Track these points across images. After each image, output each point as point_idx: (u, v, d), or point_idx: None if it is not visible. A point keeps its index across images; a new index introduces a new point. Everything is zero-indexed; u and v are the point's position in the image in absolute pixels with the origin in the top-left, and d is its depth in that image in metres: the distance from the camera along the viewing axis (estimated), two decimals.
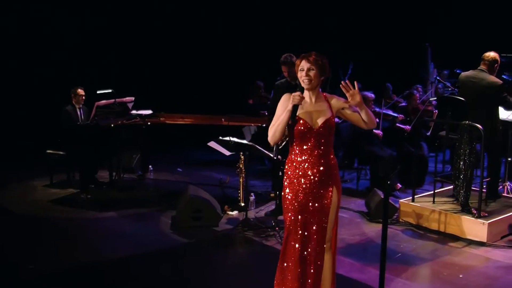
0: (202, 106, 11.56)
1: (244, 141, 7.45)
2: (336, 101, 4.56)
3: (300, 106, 4.42)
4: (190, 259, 6.60)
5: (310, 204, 4.53)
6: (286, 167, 4.64)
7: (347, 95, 4.41)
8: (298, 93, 4.41)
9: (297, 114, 4.44)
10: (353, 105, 4.47)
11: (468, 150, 7.22)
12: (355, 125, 9.06)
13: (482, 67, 7.83)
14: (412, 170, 8.32)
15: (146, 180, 10.40)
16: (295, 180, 4.55)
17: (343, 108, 4.55)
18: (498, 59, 7.85)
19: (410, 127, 9.86)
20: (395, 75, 13.91)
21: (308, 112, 4.51)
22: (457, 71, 13.82)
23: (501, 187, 8.62)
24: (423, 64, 14.59)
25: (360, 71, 13.60)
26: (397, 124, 9.91)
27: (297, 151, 4.55)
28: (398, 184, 9.27)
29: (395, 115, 10.05)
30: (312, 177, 4.50)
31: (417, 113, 10.02)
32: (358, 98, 4.38)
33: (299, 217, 4.55)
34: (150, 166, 10.63)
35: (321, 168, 4.51)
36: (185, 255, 6.79)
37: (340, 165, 10.38)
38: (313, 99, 4.54)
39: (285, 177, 4.65)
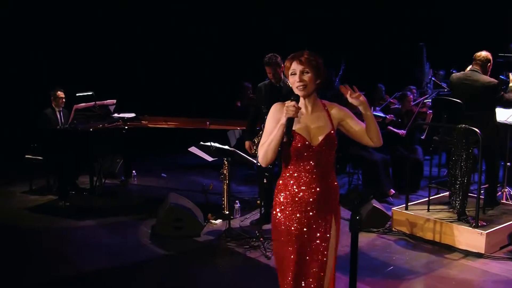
0: (187, 108, 11.11)
1: (226, 147, 7.03)
2: (337, 111, 3.87)
3: (296, 119, 3.68)
4: (168, 272, 6.26)
5: (306, 236, 3.80)
6: (276, 191, 3.90)
7: (350, 97, 3.76)
8: (292, 103, 3.60)
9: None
10: (356, 105, 3.78)
11: (464, 155, 6.81)
12: None
13: (474, 67, 7.46)
14: (406, 175, 7.86)
15: (129, 186, 9.97)
16: (289, 208, 3.81)
17: (344, 120, 3.88)
18: (491, 58, 7.49)
19: (405, 131, 9.45)
20: (388, 75, 13.48)
21: (305, 125, 3.78)
22: (453, 71, 13.48)
23: (500, 193, 8.20)
24: (418, 64, 14.17)
25: (351, 71, 13.23)
26: (391, 128, 9.49)
27: (291, 172, 3.81)
28: (392, 189, 8.88)
29: (384, 115, 9.63)
30: (308, 204, 3.78)
31: (410, 116, 9.63)
32: (362, 97, 3.76)
33: (293, 250, 3.81)
34: (133, 172, 10.20)
35: (320, 193, 3.79)
36: (163, 267, 6.43)
37: None
38: (310, 109, 3.82)
39: (275, 202, 3.90)
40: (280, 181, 3.88)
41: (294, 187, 3.80)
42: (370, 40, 14.85)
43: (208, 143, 7.01)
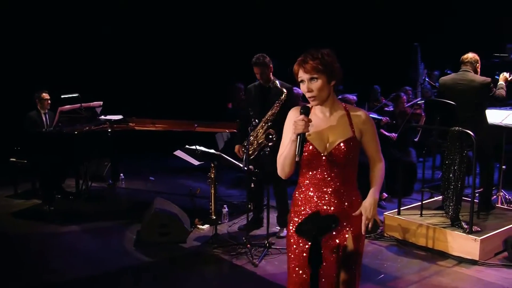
0: (176, 110, 10.87)
1: (211, 150, 6.81)
2: (361, 121, 3.49)
3: (310, 124, 3.34)
4: (151, 280, 6.03)
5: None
6: (291, 203, 3.65)
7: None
8: (301, 117, 3.28)
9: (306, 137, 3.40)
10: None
11: (458, 159, 6.59)
12: None
13: (465, 68, 7.31)
14: (398, 179, 7.63)
15: (117, 189, 9.77)
16: (296, 219, 3.55)
17: (364, 134, 3.51)
18: (478, 58, 7.37)
19: (396, 134, 9.24)
20: (383, 76, 13.27)
21: (319, 130, 3.47)
22: (448, 72, 13.31)
23: (495, 196, 8.00)
24: (413, 65, 13.99)
25: (346, 72, 13.02)
26: (383, 131, 9.28)
27: (305, 182, 3.53)
28: (384, 193, 8.68)
29: (379, 117, 9.41)
30: None
31: (404, 117, 9.42)
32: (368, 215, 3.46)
33: (304, 273, 3.51)
34: (121, 175, 9.99)
35: (332, 208, 3.47)
36: (147, 275, 6.20)
37: None
38: (327, 112, 3.50)
39: (289, 217, 3.65)
40: (296, 193, 3.63)
41: (307, 198, 3.54)
42: (365, 41, 14.65)
43: (194, 147, 6.80)
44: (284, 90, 6.78)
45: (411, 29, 14.74)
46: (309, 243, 3.22)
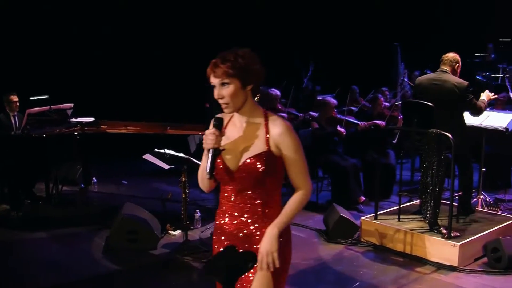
0: (152, 112, 10.59)
1: (180, 154, 6.58)
2: (278, 135, 3.06)
3: (226, 136, 3.13)
4: None
5: None
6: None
7: None
8: (212, 130, 3.05)
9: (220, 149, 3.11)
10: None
11: (436, 162, 6.40)
12: (315, 133, 8.42)
13: (443, 68, 7.04)
14: (376, 182, 7.42)
15: (89, 193, 9.47)
16: (215, 237, 3.34)
17: (281, 150, 3.09)
18: (459, 59, 7.09)
19: (365, 122, 9.07)
20: (362, 77, 13.08)
21: (232, 142, 3.14)
22: (427, 72, 13.18)
23: (475, 199, 7.82)
24: (393, 65, 13.85)
25: (324, 72, 12.86)
26: (348, 118, 9.11)
27: (222, 199, 3.24)
28: (362, 197, 8.48)
29: (357, 122, 9.22)
30: (231, 238, 3.21)
31: (382, 119, 9.24)
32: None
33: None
34: (93, 178, 9.71)
35: (246, 231, 3.17)
36: (114, 284, 6.01)
37: None
38: (244, 122, 3.16)
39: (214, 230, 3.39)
40: (218, 209, 3.33)
41: (221, 213, 3.26)
42: (344, 41, 14.48)
43: (162, 150, 6.58)
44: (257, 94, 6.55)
45: (390, 29, 14.63)
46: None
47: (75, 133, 8.27)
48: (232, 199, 3.17)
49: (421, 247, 6.48)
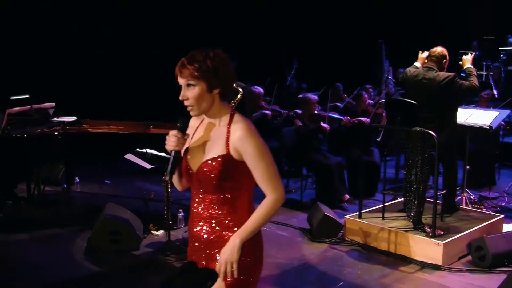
0: (135, 110, 10.47)
1: (162, 154, 6.51)
2: (238, 140, 2.94)
3: (193, 137, 3.12)
4: None
5: None
6: None
7: None
8: (174, 131, 3.01)
9: (185, 147, 3.09)
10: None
11: (420, 160, 6.36)
12: (298, 131, 8.38)
13: (430, 64, 6.97)
14: (360, 180, 7.37)
15: (71, 193, 9.37)
16: (189, 243, 3.27)
17: (241, 154, 2.97)
18: (446, 54, 7.00)
19: (348, 117, 9.06)
20: (346, 74, 13.03)
21: (197, 144, 3.08)
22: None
23: (459, 197, 7.80)
24: (377, 62, 13.81)
25: (308, 69, 12.81)
26: (330, 114, 9.08)
27: (192, 201, 3.18)
28: (346, 195, 8.44)
29: (340, 117, 9.19)
30: (197, 244, 3.16)
31: (366, 116, 9.20)
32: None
33: None
34: (76, 178, 9.61)
35: (206, 236, 3.08)
36: (95, 286, 5.92)
37: (285, 173, 9.76)
38: (211, 124, 3.09)
39: None
40: None
41: (190, 220, 3.22)
42: (328, 38, 14.43)
43: (144, 150, 6.51)
44: (240, 90, 6.47)
45: (375, 26, 14.60)
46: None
47: (56, 133, 8.16)
48: (196, 204, 3.11)
49: (405, 246, 6.45)
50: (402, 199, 7.15)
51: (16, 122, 8.26)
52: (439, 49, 6.99)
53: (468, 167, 7.87)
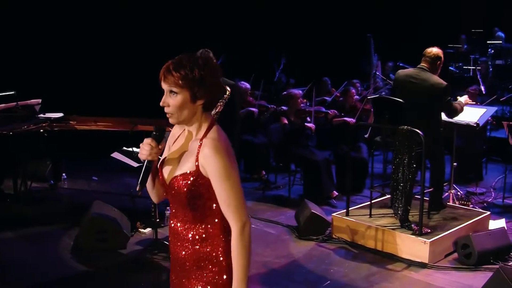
0: (122, 105, 10.38)
1: None
2: (204, 157, 2.73)
3: (167, 145, 2.97)
4: None
5: None
6: None
7: None
8: (148, 140, 2.81)
9: (164, 157, 2.94)
10: None
11: (406, 159, 6.36)
12: (284, 126, 8.38)
13: (423, 64, 6.86)
14: (347, 178, 7.38)
15: (59, 190, 9.32)
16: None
17: (207, 172, 2.76)
18: (441, 56, 6.88)
19: (335, 110, 9.07)
20: (334, 68, 12.99)
21: (174, 156, 2.90)
22: (400, 65, 13.18)
23: (446, 193, 7.81)
24: (365, 56, 13.78)
25: (296, 64, 12.78)
26: (319, 108, 9.10)
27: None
28: (334, 191, 8.43)
29: (326, 111, 9.19)
30: (176, 263, 2.99)
31: (354, 112, 9.19)
32: None
33: None
34: (63, 174, 9.56)
35: (178, 253, 2.94)
36: (81, 285, 5.90)
37: (273, 169, 9.76)
38: (190, 135, 2.90)
39: None
40: None
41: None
42: (316, 32, 14.38)
43: (131, 149, 6.48)
44: (228, 88, 6.43)
45: (363, 20, 14.57)
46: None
47: (41, 130, 8.09)
48: (171, 220, 2.96)
49: (392, 244, 6.46)
50: (389, 196, 7.15)
51: (2, 119, 8.22)
52: (434, 50, 6.87)
53: (455, 164, 7.87)
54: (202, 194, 2.79)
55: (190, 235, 2.86)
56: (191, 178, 2.76)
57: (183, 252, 2.89)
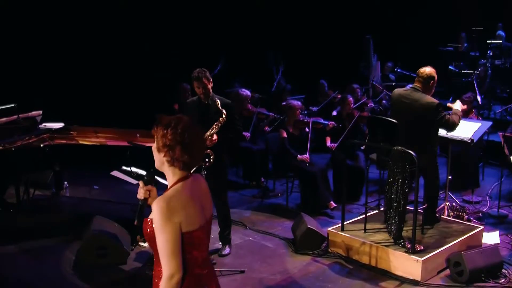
0: (122, 114, 10.46)
1: (145, 172, 6.57)
2: (153, 207, 3.06)
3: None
4: None
5: None
6: None
7: None
8: (141, 183, 3.26)
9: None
10: None
11: (400, 179, 6.46)
12: (283, 138, 8.47)
13: (416, 85, 6.89)
14: (343, 190, 7.47)
15: (61, 198, 9.44)
16: None
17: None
18: (435, 75, 6.87)
19: (336, 144, 9.12)
20: (332, 70, 13.03)
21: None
22: (398, 70, 13.26)
23: (441, 205, 7.91)
24: (364, 58, 13.85)
25: (295, 65, 12.84)
26: (317, 119, 9.23)
27: None
28: (332, 202, 8.52)
29: (325, 122, 9.28)
30: None
31: (351, 120, 9.25)
32: None
33: None
34: (65, 183, 9.68)
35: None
36: None
37: (271, 175, 9.87)
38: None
39: None
40: None
41: None
42: (315, 33, 14.42)
43: (129, 169, 6.59)
44: (224, 112, 6.52)
45: (362, 21, 14.60)
46: None
47: (42, 145, 8.13)
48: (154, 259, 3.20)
49: (386, 261, 6.59)
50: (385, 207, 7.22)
51: (4, 131, 8.30)
52: (427, 70, 6.87)
53: (450, 177, 7.96)
54: (150, 237, 3.12)
55: (158, 270, 3.18)
56: (150, 224, 3.10)
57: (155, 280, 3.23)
